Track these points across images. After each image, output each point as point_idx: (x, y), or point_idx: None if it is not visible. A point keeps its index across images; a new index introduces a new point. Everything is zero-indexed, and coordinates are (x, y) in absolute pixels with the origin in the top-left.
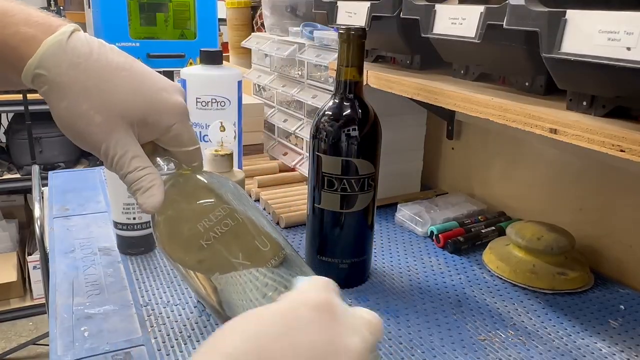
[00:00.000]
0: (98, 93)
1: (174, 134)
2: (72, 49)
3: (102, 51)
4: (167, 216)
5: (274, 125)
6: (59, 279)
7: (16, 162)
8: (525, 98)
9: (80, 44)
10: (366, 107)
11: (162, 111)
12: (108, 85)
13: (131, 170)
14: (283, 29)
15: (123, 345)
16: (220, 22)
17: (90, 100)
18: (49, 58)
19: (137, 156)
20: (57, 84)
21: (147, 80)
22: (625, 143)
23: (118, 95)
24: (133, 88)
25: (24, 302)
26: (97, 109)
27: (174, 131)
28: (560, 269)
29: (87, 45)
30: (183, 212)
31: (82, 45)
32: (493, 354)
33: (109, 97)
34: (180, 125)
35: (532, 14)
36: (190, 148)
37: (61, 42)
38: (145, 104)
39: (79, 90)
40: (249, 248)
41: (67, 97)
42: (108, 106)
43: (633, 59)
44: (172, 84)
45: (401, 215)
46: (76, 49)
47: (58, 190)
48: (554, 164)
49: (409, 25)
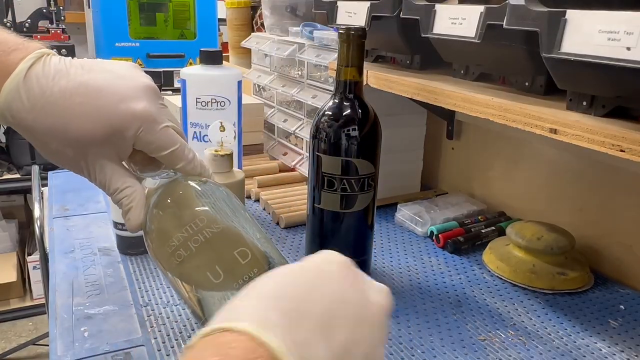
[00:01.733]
0: (61, 130)
1: (143, 142)
2: (28, 91)
3: (57, 80)
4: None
5: (274, 125)
6: (58, 279)
7: (16, 162)
8: (525, 98)
9: (36, 80)
10: (366, 107)
11: (123, 126)
12: (67, 119)
13: (112, 193)
14: (283, 29)
15: (123, 345)
16: (220, 22)
17: (56, 138)
18: (10, 104)
19: (114, 177)
20: (23, 127)
21: (104, 98)
22: (625, 143)
23: (79, 126)
24: (90, 114)
25: (24, 302)
26: (65, 143)
27: (142, 139)
28: (560, 269)
29: (44, 78)
30: (163, 223)
31: (38, 80)
32: (493, 354)
33: (71, 131)
34: (145, 133)
35: (532, 14)
36: (165, 152)
37: (17, 86)
38: (105, 126)
39: (44, 130)
40: (226, 260)
41: (36, 138)
42: (73, 139)
43: (633, 59)
44: (132, 87)
45: (401, 215)
46: (32, 89)
47: (58, 190)
48: (554, 164)
49: (409, 25)
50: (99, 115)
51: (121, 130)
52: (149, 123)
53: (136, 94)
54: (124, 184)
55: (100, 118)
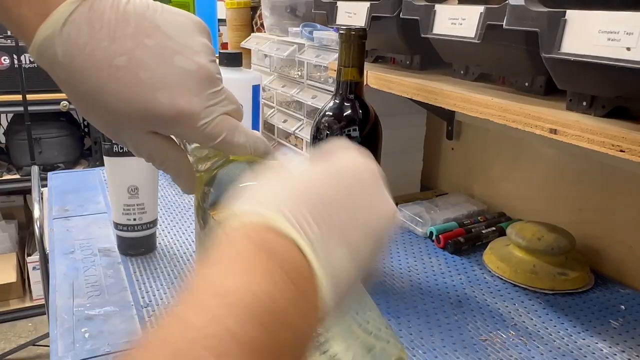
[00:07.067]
0: (92, 102)
1: (180, 136)
2: (64, 44)
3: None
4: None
5: (274, 126)
6: (59, 280)
7: (16, 162)
8: (525, 98)
9: (77, 31)
10: (367, 107)
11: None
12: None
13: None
14: (283, 30)
15: (124, 346)
16: (220, 22)
17: (86, 106)
18: (44, 51)
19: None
20: (57, 78)
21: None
22: (625, 143)
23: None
24: (123, 98)
25: (24, 302)
26: (95, 115)
27: (179, 135)
28: (561, 269)
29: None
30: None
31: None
32: (494, 354)
33: (103, 108)
34: (183, 129)
35: (532, 14)
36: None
37: (53, 34)
38: (139, 115)
39: (76, 93)
40: None
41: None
42: (105, 115)
43: (633, 59)
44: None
45: (401, 216)
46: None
47: (58, 191)
48: (554, 164)
49: (409, 25)
50: (134, 103)
51: (155, 121)
52: (186, 121)
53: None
54: (159, 156)
55: (136, 105)
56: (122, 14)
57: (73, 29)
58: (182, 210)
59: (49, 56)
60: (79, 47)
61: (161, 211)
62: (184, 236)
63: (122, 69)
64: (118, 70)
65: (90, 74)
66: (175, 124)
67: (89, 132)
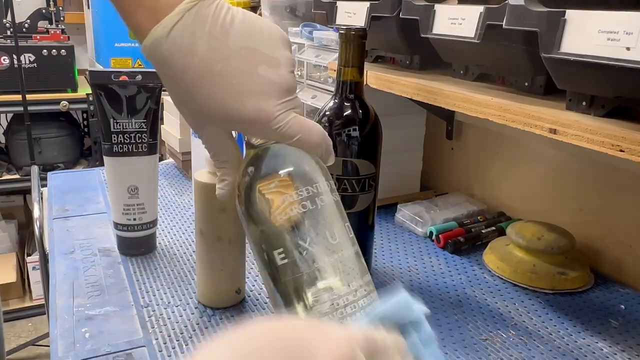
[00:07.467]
0: (187, 99)
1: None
2: (169, 48)
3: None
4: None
5: None
6: (59, 280)
7: (15, 162)
8: (524, 98)
9: (181, 37)
10: (367, 107)
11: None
12: (195, 96)
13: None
14: (282, 29)
15: (124, 346)
16: None
17: (180, 101)
18: (153, 52)
19: (218, 151)
20: (161, 74)
21: (232, 88)
22: (625, 143)
23: (203, 104)
24: (215, 99)
25: (23, 302)
26: (187, 109)
27: (257, 135)
28: (561, 269)
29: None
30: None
31: (184, 38)
32: (495, 354)
33: (196, 105)
34: (261, 130)
35: (532, 14)
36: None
37: (160, 39)
38: (226, 117)
39: (174, 89)
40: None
41: (169, 88)
42: (195, 111)
43: (632, 59)
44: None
45: (401, 216)
46: (174, 46)
47: (57, 191)
48: (554, 164)
49: (409, 25)
50: (223, 106)
51: (238, 123)
52: (264, 124)
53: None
54: (223, 156)
55: (225, 109)
56: (221, 25)
57: (177, 36)
58: (182, 210)
59: (156, 56)
60: (182, 52)
61: (161, 211)
62: (184, 236)
63: (217, 74)
64: (214, 76)
65: (189, 76)
66: (255, 125)
67: (89, 132)
